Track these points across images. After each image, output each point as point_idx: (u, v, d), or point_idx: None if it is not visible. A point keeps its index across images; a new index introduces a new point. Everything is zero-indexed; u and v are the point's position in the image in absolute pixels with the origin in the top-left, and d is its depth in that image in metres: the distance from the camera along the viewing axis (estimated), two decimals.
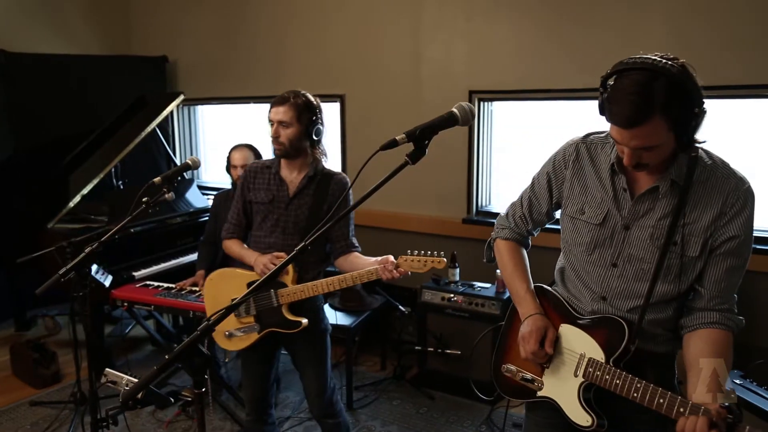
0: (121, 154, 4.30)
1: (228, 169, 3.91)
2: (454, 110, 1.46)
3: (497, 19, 4.00)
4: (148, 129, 4.43)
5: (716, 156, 1.66)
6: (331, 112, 4.91)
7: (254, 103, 5.39)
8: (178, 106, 5.28)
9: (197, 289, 3.62)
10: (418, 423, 3.60)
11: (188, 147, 5.96)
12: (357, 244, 2.72)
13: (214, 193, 4.64)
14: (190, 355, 1.33)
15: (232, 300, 2.57)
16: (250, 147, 3.90)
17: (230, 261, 3.86)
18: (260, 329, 2.60)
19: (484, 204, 4.38)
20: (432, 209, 4.42)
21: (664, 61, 1.44)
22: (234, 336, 2.64)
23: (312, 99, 2.64)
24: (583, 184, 1.80)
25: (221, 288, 2.72)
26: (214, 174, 5.63)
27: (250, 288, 1.41)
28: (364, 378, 4.13)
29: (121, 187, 4.66)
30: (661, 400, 1.55)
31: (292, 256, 1.41)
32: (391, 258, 2.46)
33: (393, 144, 1.41)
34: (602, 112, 1.54)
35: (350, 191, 2.58)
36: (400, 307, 4.12)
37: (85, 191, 4.18)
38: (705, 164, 1.63)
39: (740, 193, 1.61)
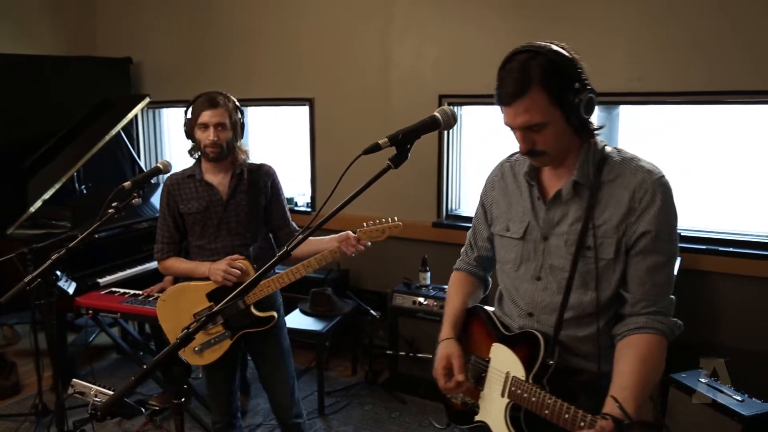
0: (85, 158, 4.18)
1: None
2: (437, 114, 1.46)
3: (468, 22, 4.02)
4: (113, 132, 4.33)
5: (627, 152, 1.62)
6: (300, 116, 4.89)
7: None
8: (143, 108, 5.18)
9: None
10: (390, 427, 3.59)
11: (153, 150, 5.85)
12: (297, 227, 2.76)
13: None
14: (169, 365, 1.30)
15: (195, 315, 2.56)
16: None
17: None
18: (232, 335, 2.57)
19: (453, 208, 4.40)
20: (402, 213, 4.35)
21: (546, 43, 1.50)
22: (205, 349, 2.56)
23: (234, 98, 2.69)
24: (508, 201, 1.79)
25: (179, 305, 2.61)
26: None
27: (235, 292, 1.37)
28: (335, 383, 4.09)
29: (84, 191, 4.55)
30: (566, 416, 1.47)
31: (273, 262, 1.38)
32: (351, 233, 2.54)
33: (376, 148, 1.40)
34: (496, 101, 1.56)
35: (278, 177, 2.76)
36: (371, 311, 4.11)
37: (46, 196, 4.06)
38: (614, 162, 1.59)
39: (648, 186, 1.53)
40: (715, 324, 3.48)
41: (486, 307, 1.88)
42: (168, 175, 2.72)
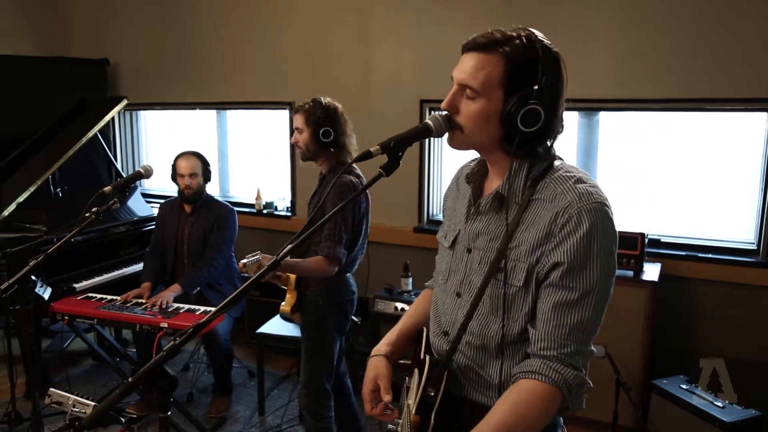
0: (60, 161, 4.09)
1: (174, 178, 3.80)
2: (428, 121, 1.42)
3: (447, 25, 4.01)
4: (89, 134, 4.24)
5: (574, 171, 1.39)
6: (279, 120, 4.86)
7: (200, 109, 5.26)
8: (120, 111, 5.09)
9: (143, 301, 3.48)
10: None
11: (130, 153, 5.77)
12: (325, 251, 2.71)
13: (157, 201, 4.50)
14: (154, 377, 1.26)
15: None
16: (197, 155, 3.81)
17: (179, 273, 3.76)
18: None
19: (435, 213, 4.40)
20: (383, 218, 4.40)
21: (552, 47, 1.37)
22: None
23: (323, 103, 2.80)
24: (454, 206, 1.62)
25: None
26: (158, 182, 5.46)
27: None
28: None
29: (60, 194, 4.46)
30: None
31: (266, 270, 1.35)
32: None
33: (367, 155, 1.37)
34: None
35: (343, 188, 2.70)
36: (354, 317, 4.07)
37: (20, 199, 3.96)
38: (551, 178, 1.37)
39: (573, 211, 1.29)
40: (695, 330, 3.52)
41: (425, 329, 1.68)
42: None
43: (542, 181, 1.37)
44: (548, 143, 1.41)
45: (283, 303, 2.97)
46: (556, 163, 1.41)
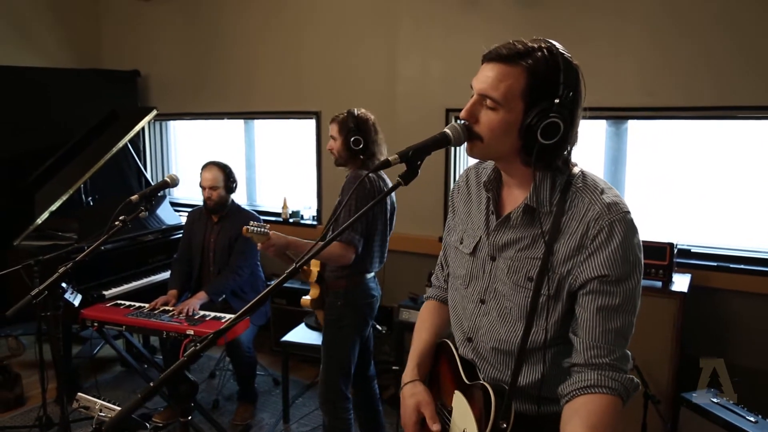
0: (92, 170, 4.18)
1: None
2: (447, 131, 1.42)
3: (474, 36, 4.00)
4: (120, 144, 4.33)
5: (593, 177, 1.42)
6: (306, 129, 4.90)
7: (228, 118, 5.34)
8: (150, 121, 5.19)
9: (170, 308, 3.53)
10: None
11: (160, 163, 5.87)
12: (343, 238, 2.78)
13: (186, 210, 4.56)
14: (175, 382, 1.28)
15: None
16: (220, 166, 3.82)
17: (205, 280, 3.80)
18: None
19: None
20: (408, 228, 4.41)
21: (571, 57, 1.36)
22: None
23: (356, 114, 2.96)
24: (467, 211, 1.61)
25: None
26: (186, 190, 5.54)
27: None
28: None
29: (91, 203, 4.55)
30: None
31: (283, 278, 1.36)
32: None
33: (386, 164, 1.37)
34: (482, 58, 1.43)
35: (355, 184, 2.80)
36: (377, 325, 4.07)
37: (53, 207, 4.06)
38: (576, 188, 1.39)
39: (605, 223, 1.32)
40: (726, 342, 3.44)
41: (451, 343, 1.64)
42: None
43: (569, 191, 1.39)
44: (565, 153, 1.42)
45: (305, 296, 3.14)
46: (575, 170, 1.43)
